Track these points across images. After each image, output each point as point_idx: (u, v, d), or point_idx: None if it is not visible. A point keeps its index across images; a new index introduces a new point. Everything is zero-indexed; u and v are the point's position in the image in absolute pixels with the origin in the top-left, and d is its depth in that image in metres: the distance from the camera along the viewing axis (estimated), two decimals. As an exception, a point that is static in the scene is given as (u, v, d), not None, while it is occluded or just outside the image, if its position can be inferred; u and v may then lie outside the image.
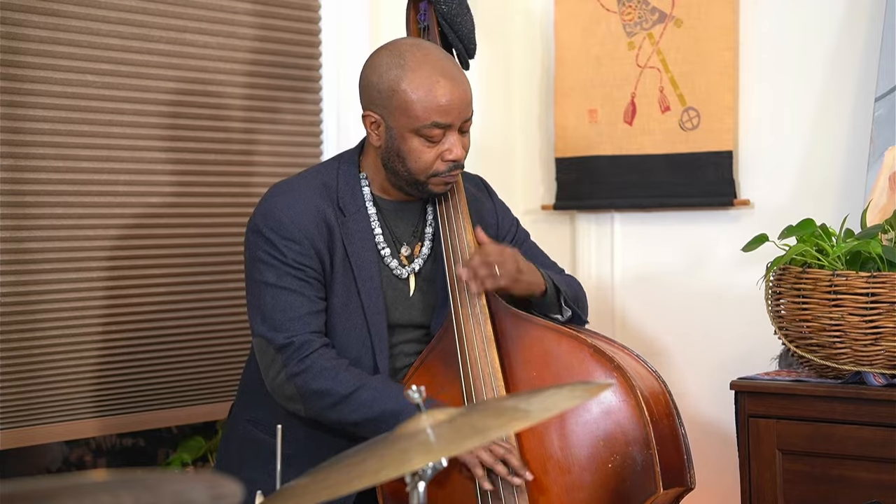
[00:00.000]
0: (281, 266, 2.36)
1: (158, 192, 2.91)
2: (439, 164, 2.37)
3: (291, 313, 2.36)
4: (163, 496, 1.18)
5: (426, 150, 2.35)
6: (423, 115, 2.32)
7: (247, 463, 2.46)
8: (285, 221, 2.37)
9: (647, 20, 3.32)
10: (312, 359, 2.34)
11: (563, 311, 2.48)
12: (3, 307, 2.66)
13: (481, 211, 2.59)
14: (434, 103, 2.32)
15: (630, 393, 2.29)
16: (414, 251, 2.51)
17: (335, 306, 2.41)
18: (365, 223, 2.43)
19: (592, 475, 2.29)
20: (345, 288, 2.41)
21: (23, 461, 2.81)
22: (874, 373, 2.54)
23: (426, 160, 2.36)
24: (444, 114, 2.33)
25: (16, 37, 2.65)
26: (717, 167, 3.23)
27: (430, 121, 2.32)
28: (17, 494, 1.12)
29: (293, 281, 2.36)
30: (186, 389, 3.01)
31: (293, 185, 2.43)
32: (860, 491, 2.53)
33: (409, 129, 2.34)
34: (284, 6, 3.14)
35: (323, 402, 2.35)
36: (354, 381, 2.33)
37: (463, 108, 2.35)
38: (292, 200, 2.39)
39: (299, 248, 2.36)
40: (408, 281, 2.49)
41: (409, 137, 2.35)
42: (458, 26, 2.56)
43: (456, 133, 2.36)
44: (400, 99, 2.33)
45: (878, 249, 2.49)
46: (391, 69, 2.35)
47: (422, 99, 2.32)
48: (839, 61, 3.09)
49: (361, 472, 1.50)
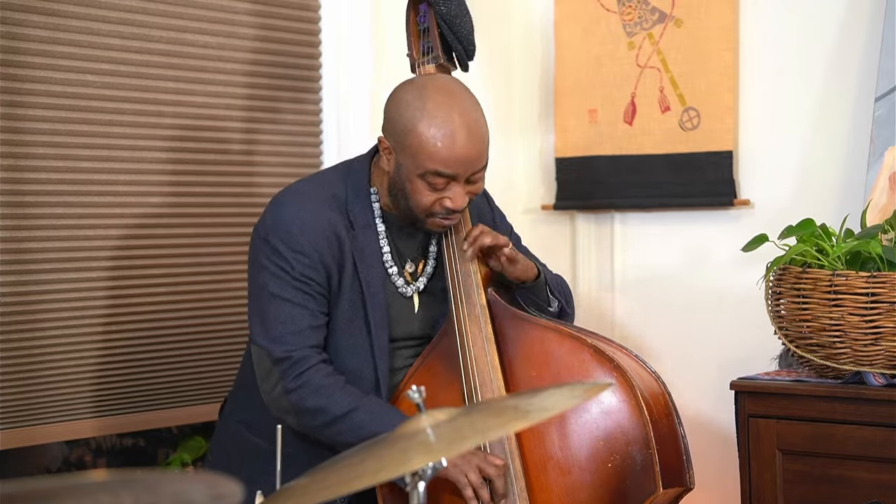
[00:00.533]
0: (286, 277, 2.35)
1: (158, 192, 2.91)
2: (437, 206, 2.36)
3: (292, 326, 2.35)
4: (163, 496, 1.18)
5: (428, 193, 2.35)
6: (429, 163, 2.32)
7: (245, 464, 2.46)
8: (295, 233, 2.35)
9: (647, 20, 3.32)
10: (309, 375, 2.34)
11: (550, 301, 2.51)
12: (3, 307, 2.66)
13: (480, 214, 2.61)
14: (442, 156, 2.31)
15: (630, 393, 2.30)
16: (418, 269, 2.51)
17: (339, 321, 2.40)
18: (374, 239, 2.43)
19: (592, 475, 2.30)
20: (351, 304, 2.40)
21: (23, 461, 2.81)
22: (874, 373, 2.54)
23: (425, 202, 2.35)
24: (450, 167, 2.32)
25: (16, 37, 2.65)
26: (717, 167, 3.23)
27: (434, 170, 2.32)
28: (17, 494, 1.12)
29: (297, 294, 2.35)
30: (186, 389, 3.01)
31: (304, 194, 2.41)
32: (860, 491, 2.53)
33: (415, 172, 2.33)
34: (284, 6, 3.14)
35: (317, 420, 2.35)
36: (350, 402, 2.33)
37: (473, 162, 2.34)
38: (304, 212, 2.37)
39: (308, 261, 2.35)
40: (412, 299, 2.49)
41: (414, 179, 2.34)
42: (458, 28, 2.56)
43: (461, 184, 2.35)
44: (413, 141, 2.32)
45: (878, 249, 2.49)
46: (411, 108, 2.34)
47: (432, 149, 2.31)
48: (839, 61, 3.09)
49: (361, 472, 1.50)
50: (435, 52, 2.57)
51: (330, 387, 2.34)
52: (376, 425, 2.29)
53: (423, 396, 1.63)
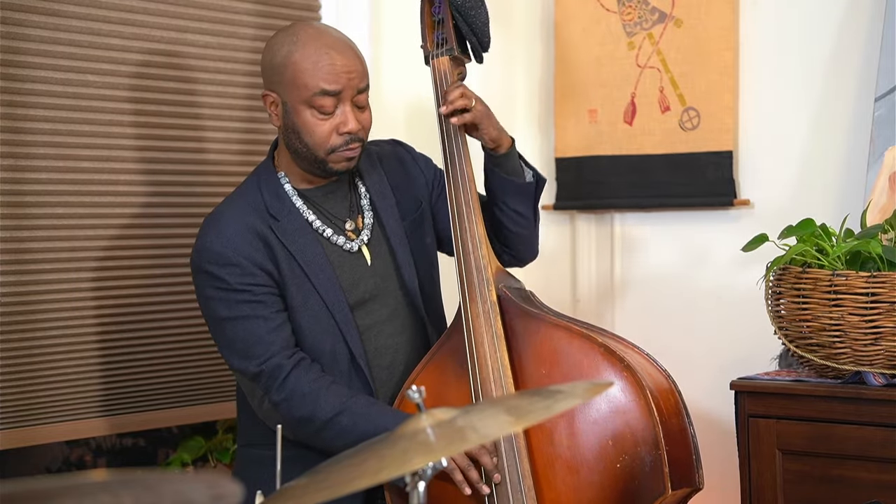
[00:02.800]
0: (229, 295, 2.39)
1: (159, 192, 2.91)
2: (335, 137, 2.40)
3: (252, 338, 2.38)
4: (163, 496, 1.18)
5: (320, 122, 2.39)
6: (311, 82, 2.37)
7: (268, 479, 2.46)
8: (219, 250, 2.39)
9: (647, 20, 3.32)
10: (291, 384, 2.36)
11: (524, 171, 2.58)
12: (3, 307, 2.66)
13: (402, 163, 2.64)
14: (321, 71, 2.36)
15: (640, 393, 2.29)
16: (357, 224, 2.53)
17: (296, 307, 2.42)
18: (298, 217, 2.46)
19: (601, 475, 2.29)
20: (297, 286, 2.42)
21: (23, 461, 2.81)
22: (874, 373, 2.54)
23: (321, 133, 2.39)
24: (331, 81, 2.37)
25: (16, 37, 2.65)
26: (717, 167, 3.23)
27: (318, 89, 2.36)
28: (17, 494, 1.12)
29: (244, 307, 2.38)
30: (186, 389, 3.01)
31: (219, 214, 2.46)
32: (860, 491, 2.53)
33: (301, 101, 2.38)
34: (284, 6, 3.14)
35: (307, 429, 2.37)
36: (335, 406, 2.35)
37: (352, 77, 2.39)
38: (221, 228, 2.42)
39: (240, 270, 2.38)
40: (361, 253, 2.51)
41: (302, 110, 2.38)
42: (472, 19, 2.56)
43: (349, 105, 2.40)
44: (291, 71, 2.38)
45: (878, 249, 2.49)
46: (284, 45, 2.41)
47: (310, 68, 2.37)
48: (839, 61, 3.09)
49: (361, 472, 1.50)
50: (449, 45, 2.56)
51: (313, 393, 2.36)
52: (361, 427, 2.31)
53: (422, 396, 1.63)
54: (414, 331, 2.55)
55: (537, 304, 2.48)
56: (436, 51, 2.57)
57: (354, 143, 2.42)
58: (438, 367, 2.45)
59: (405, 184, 2.61)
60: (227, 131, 3.04)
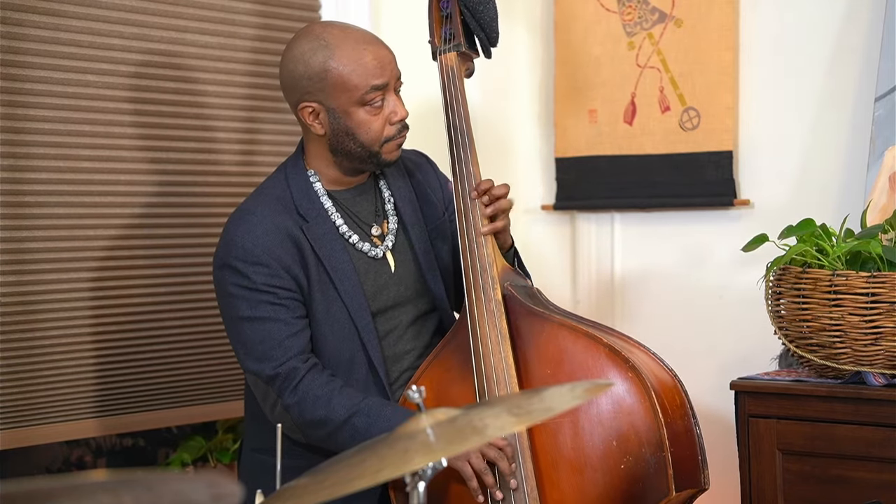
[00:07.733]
0: (252, 294, 2.36)
1: (159, 192, 2.91)
2: (388, 128, 2.42)
3: (271, 342, 2.36)
4: (163, 496, 1.18)
5: (373, 118, 2.39)
6: (360, 82, 2.37)
7: (272, 486, 2.46)
8: (249, 247, 2.37)
9: (647, 20, 3.32)
10: (304, 387, 2.35)
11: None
12: (3, 307, 2.66)
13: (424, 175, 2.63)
14: (366, 68, 2.37)
15: (644, 394, 2.28)
16: (383, 229, 2.52)
17: (318, 314, 2.40)
18: (326, 220, 2.44)
19: (605, 476, 2.28)
20: (323, 293, 2.40)
21: (23, 461, 2.81)
22: (874, 373, 2.54)
23: (376, 128, 2.40)
24: (378, 75, 2.38)
25: (16, 37, 2.65)
26: (717, 167, 3.23)
27: (369, 86, 2.37)
28: (17, 494, 1.12)
29: (267, 308, 2.36)
30: (186, 389, 3.01)
31: (249, 209, 2.43)
32: (860, 491, 2.53)
33: (352, 102, 2.38)
34: (284, 6, 3.14)
35: (320, 431, 2.36)
36: (348, 408, 2.34)
37: (393, 66, 2.42)
38: (252, 225, 2.39)
39: (268, 270, 2.36)
40: (385, 259, 2.50)
41: (355, 111, 2.39)
42: (481, 14, 2.56)
43: (393, 93, 2.42)
44: (333, 76, 2.37)
45: (878, 249, 2.49)
46: (316, 53, 2.38)
47: (356, 69, 2.37)
48: (839, 61, 3.09)
49: (361, 472, 1.50)
50: (457, 40, 2.56)
51: (326, 395, 2.34)
52: (375, 427, 2.30)
53: (422, 396, 1.63)
54: (432, 336, 2.55)
55: (543, 303, 2.47)
56: (444, 46, 2.57)
57: (405, 130, 2.45)
58: (442, 366, 2.44)
59: (428, 192, 2.61)
60: (227, 131, 3.04)
